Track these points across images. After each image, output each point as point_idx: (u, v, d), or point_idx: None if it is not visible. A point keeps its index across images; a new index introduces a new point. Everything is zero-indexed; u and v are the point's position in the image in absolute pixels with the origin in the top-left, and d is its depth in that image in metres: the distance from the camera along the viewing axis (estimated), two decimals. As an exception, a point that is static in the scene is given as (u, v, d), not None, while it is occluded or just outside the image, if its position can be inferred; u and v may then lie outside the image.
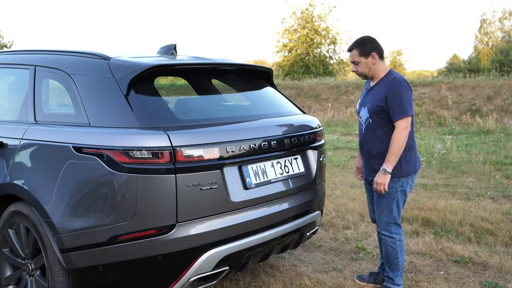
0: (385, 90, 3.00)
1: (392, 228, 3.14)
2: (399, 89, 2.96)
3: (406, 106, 2.94)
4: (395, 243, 3.14)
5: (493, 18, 39.19)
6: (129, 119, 2.40)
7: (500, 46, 31.39)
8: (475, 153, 9.22)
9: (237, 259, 2.62)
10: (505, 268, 3.57)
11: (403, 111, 2.93)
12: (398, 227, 3.16)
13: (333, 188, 6.31)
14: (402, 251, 3.16)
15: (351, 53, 3.12)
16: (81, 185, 2.40)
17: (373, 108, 3.05)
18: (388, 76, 3.07)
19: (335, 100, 18.97)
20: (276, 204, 2.80)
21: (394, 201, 3.10)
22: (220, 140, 2.50)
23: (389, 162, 2.96)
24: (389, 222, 3.13)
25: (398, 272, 3.17)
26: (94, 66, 2.66)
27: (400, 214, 3.18)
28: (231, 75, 3.40)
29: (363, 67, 3.09)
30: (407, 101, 2.96)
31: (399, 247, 3.15)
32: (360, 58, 3.07)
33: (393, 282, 3.18)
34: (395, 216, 3.13)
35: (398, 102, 2.94)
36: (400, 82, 2.99)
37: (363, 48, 3.06)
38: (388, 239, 3.15)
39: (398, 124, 2.95)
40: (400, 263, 3.16)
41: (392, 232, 3.14)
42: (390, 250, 3.15)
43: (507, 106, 15.83)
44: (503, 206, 5.28)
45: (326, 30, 31.35)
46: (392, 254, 3.15)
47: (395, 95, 2.95)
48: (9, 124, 2.96)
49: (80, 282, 2.48)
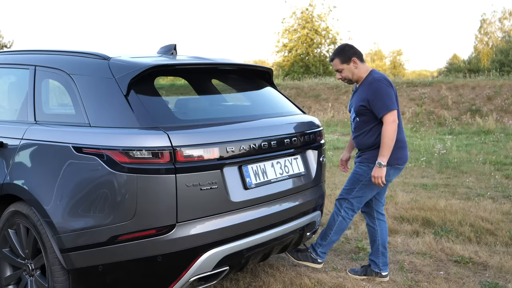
0: (366, 90, 3.21)
1: (343, 204, 3.32)
2: (378, 87, 3.15)
3: (387, 102, 3.11)
4: (338, 216, 3.33)
5: (493, 18, 39.19)
6: (129, 119, 2.40)
7: (500, 46, 31.38)
8: (475, 153, 9.22)
9: (237, 259, 2.62)
10: (505, 268, 3.57)
11: (386, 107, 3.11)
12: (350, 207, 3.31)
13: (333, 188, 6.31)
14: (339, 229, 3.33)
15: (333, 62, 3.32)
16: (81, 185, 2.40)
17: (358, 108, 3.25)
18: (368, 77, 3.26)
19: (335, 100, 18.97)
20: (276, 204, 2.80)
21: (359, 184, 3.26)
22: (220, 140, 2.50)
23: (383, 155, 3.11)
24: (344, 198, 3.32)
25: (324, 243, 3.36)
26: (94, 66, 2.66)
27: (361, 201, 3.32)
28: (231, 75, 3.40)
29: (347, 72, 3.28)
30: (387, 97, 3.13)
31: (338, 223, 3.32)
32: (343, 65, 3.27)
33: (315, 249, 3.36)
34: (352, 198, 3.29)
35: (380, 100, 3.12)
36: (379, 81, 3.17)
37: (344, 55, 3.26)
38: (335, 209, 3.36)
39: (385, 118, 3.11)
40: (330, 237, 3.34)
41: (342, 207, 3.33)
42: (331, 219, 3.36)
43: (507, 106, 15.83)
44: (503, 206, 5.28)
45: (326, 30, 31.35)
46: (330, 223, 3.36)
47: (375, 93, 3.14)
48: (9, 124, 2.96)
49: (80, 282, 2.48)
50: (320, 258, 3.39)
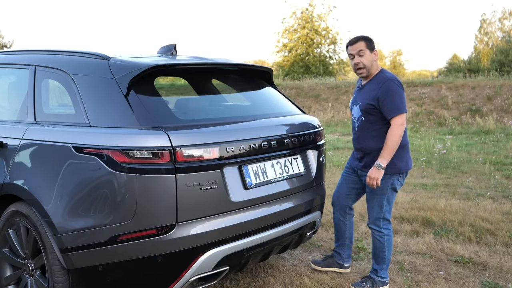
0: (376, 89, 3.08)
1: (381, 223, 3.24)
2: (391, 87, 3.03)
3: (399, 104, 3.01)
4: (383, 237, 3.24)
5: (493, 18, 39.21)
6: (129, 119, 2.40)
7: (500, 46, 31.39)
8: (475, 153, 9.22)
9: (237, 259, 2.62)
10: (505, 268, 3.57)
11: (397, 109, 3.01)
12: (387, 222, 3.26)
13: (333, 188, 6.30)
14: (390, 245, 3.26)
15: (356, 44, 3.14)
16: (81, 185, 2.40)
17: (365, 106, 3.13)
18: (380, 75, 3.14)
19: (335, 100, 18.96)
20: (276, 204, 2.80)
21: (385, 198, 3.20)
22: (220, 140, 2.50)
23: (384, 157, 3.02)
24: (379, 217, 3.24)
25: (383, 266, 3.25)
26: (94, 66, 2.66)
27: (391, 211, 3.28)
28: (231, 75, 3.40)
29: (367, 59, 3.13)
30: (400, 98, 3.03)
31: (386, 242, 3.25)
32: (366, 50, 3.12)
33: (377, 274, 3.26)
34: (384, 212, 3.22)
35: (391, 100, 3.01)
36: (392, 81, 3.06)
37: (370, 42, 3.15)
38: (376, 232, 3.27)
39: (394, 121, 3.01)
40: (386, 257, 3.25)
41: (381, 227, 3.24)
42: (377, 243, 3.27)
43: (507, 106, 15.83)
44: (503, 206, 5.28)
45: (326, 30, 31.36)
46: (378, 247, 3.26)
47: (387, 93, 3.02)
48: (9, 124, 2.96)
49: (80, 282, 2.48)
50: (386, 278, 3.28)
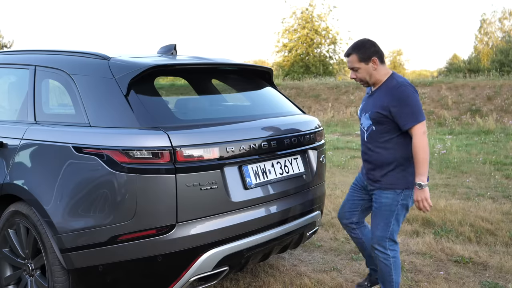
0: (388, 96, 2.76)
1: (387, 243, 2.87)
2: (406, 94, 2.72)
3: (417, 111, 2.70)
4: (388, 259, 2.88)
5: (493, 18, 39.22)
6: (129, 119, 2.40)
7: (500, 46, 31.40)
8: (475, 153, 9.22)
9: (237, 259, 2.62)
10: (505, 268, 3.57)
11: (415, 117, 2.69)
12: (393, 243, 2.88)
13: (333, 188, 6.31)
14: (397, 268, 2.91)
15: (349, 58, 2.84)
16: (81, 185, 2.40)
17: (375, 115, 2.80)
18: (391, 81, 2.81)
19: (335, 100, 18.97)
20: (276, 204, 2.80)
21: (393, 215, 2.83)
22: (220, 140, 2.50)
23: (421, 174, 2.68)
24: (385, 236, 2.86)
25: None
26: (94, 66, 2.66)
27: (398, 230, 2.91)
28: (231, 75, 3.40)
29: (363, 73, 2.82)
30: (417, 105, 2.71)
31: (393, 265, 2.89)
32: (360, 64, 2.80)
33: None
34: (391, 231, 2.85)
35: (408, 108, 2.70)
36: (405, 86, 2.74)
37: (363, 53, 2.79)
38: (380, 254, 2.89)
39: (415, 130, 2.69)
40: (395, 281, 2.90)
41: (387, 248, 2.87)
42: (383, 266, 2.91)
43: (507, 106, 15.83)
44: (503, 206, 5.28)
45: (326, 30, 31.38)
46: (384, 270, 2.91)
47: (402, 101, 2.71)
48: (9, 124, 2.96)
49: (80, 282, 2.48)
50: None
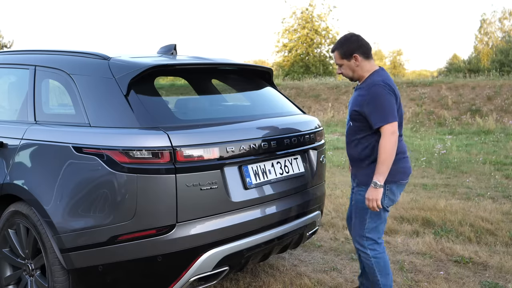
0: (362, 94, 2.73)
1: (365, 242, 2.81)
2: (377, 94, 2.66)
3: (387, 112, 2.63)
4: (369, 259, 2.81)
5: (493, 18, 39.19)
6: (129, 119, 2.40)
7: (500, 46, 31.38)
8: (475, 153, 9.22)
9: (237, 259, 2.62)
10: (505, 268, 3.57)
11: (384, 118, 2.63)
12: (372, 242, 2.81)
13: (333, 188, 6.31)
14: (382, 269, 2.81)
15: (333, 54, 2.86)
16: (81, 185, 2.40)
17: (352, 112, 2.80)
18: (371, 79, 2.76)
19: (335, 100, 18.96)
20: (276, 204, 2.80)
21: (367, 212, 2.77)
22: (220, 140, 2.50)
23: (379, 173, 2.62)
24: (361, 235, 2.82)
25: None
26: (94, 66, 2.66)
27: (378, 229, 2.82)
28: (231, 75, 3.40)
29: (346, 69, 2.83)
30: (388, 105, 2.64)
31: (376, 265, 2.80)
32: (342, 61, 2.81)
33: None
34: (367, 229, 2.80)
35: (377, 108, 2.65)
36: (379, 86, 2.67)
37: (345, 49, 2.78)
38: (361, 253, 2.85)
39: (383, 130, 2.63)
40: (381, 283, 2.82)
41: (366, 247, 2.82)
42: (366, 266, 2.85)
43: (507, 106, 15.82)
44: (503, 206, 5.28)
45: (326, 30, 31.40)
46: (369, 271, 2.85)
47: (373, 100, 2.66)
48: (9, 124, 2.96)
49: (80, 282, 2.48)
50: None
